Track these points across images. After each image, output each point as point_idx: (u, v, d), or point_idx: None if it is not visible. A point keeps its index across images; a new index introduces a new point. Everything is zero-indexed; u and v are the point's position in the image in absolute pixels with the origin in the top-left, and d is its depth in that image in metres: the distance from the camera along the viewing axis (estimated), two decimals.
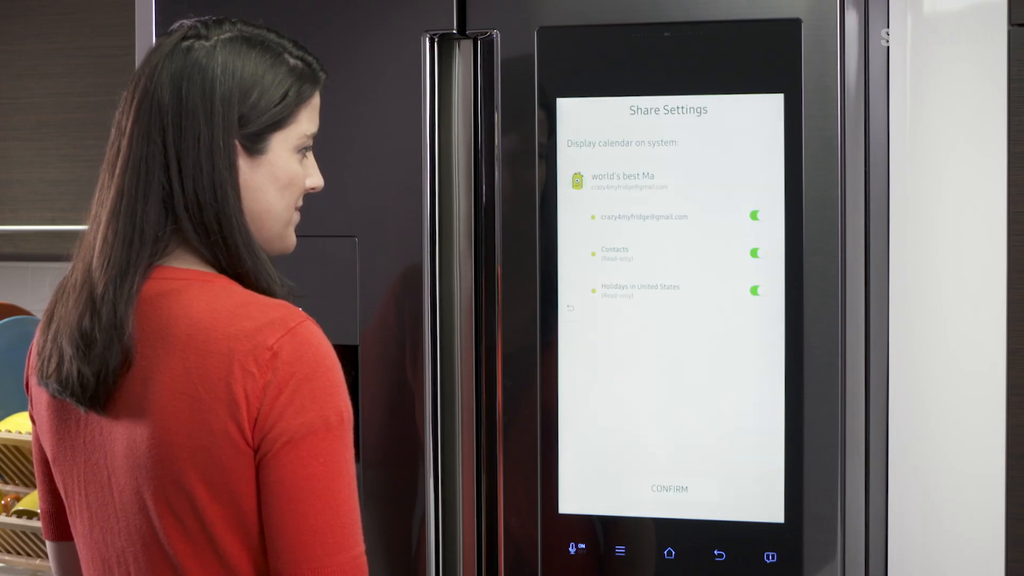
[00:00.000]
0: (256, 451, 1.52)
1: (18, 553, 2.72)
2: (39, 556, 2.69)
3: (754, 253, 1.99)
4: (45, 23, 2.81)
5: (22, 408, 2.84)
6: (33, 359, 1.66)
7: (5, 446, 2.74)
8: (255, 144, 1.60)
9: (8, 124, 2.86)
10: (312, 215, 1.72)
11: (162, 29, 2.16)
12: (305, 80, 1.63)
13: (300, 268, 1.84)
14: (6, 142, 2.86)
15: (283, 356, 1.51)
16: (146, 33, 2.22)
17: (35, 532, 2.64)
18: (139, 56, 2.25)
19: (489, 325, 2.09)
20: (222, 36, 1.60)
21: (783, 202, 1.97)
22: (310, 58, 1.66)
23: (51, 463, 1.67)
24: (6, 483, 2.81)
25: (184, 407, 1.52)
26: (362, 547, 1.54)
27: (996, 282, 1.94)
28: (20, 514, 2.66)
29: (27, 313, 2.99)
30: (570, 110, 2.04)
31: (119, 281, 1.54)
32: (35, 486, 2.77)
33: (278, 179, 1.62)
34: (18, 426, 2.72)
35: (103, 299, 1.54)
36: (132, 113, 1.58)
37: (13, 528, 2.66)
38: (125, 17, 2.49)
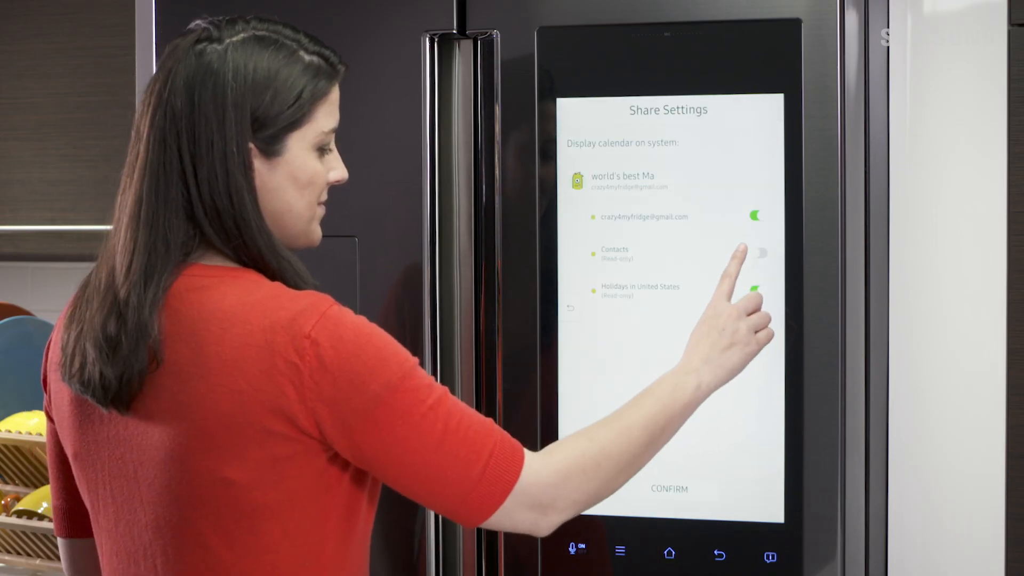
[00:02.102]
0: (321, 436, 1.54)
1: (18, 553, 2.72)
2: (39, 556, 2.69)
3: None
4: (45, 23, 2.81)
5: (22, 408, 2.84)
6: (54, 356, 1.66)
7: (5, 446, 2.74)
8: (271, 146, 1.59)
9: (8, 124, 2.86)
10: None
11: (162, 29, 2.17)
12: (321, 76, 1.62)
13: None
14: (6, 142, 2.86)
15: (323, 343, 1.52)
16: (146, 33, 2.22)
17: (35, 532, 2.64)
18: (139, 56, 2.25)
19: (489, 325, 2.09)
20: (234, 38, 1.59)
21: (783, 202, 1.97)
22: (327, 52, 1.64)
23: (71, 459, 1.67)
24: (6, 483, 2.81)
25: (224, 400, 1.53)
26: (488, 448, 1.56)
27: (996, 282, 1.94)
28: (20, 514, 2.66)
29: (27, 313, 2.98)
30: (570, 110, 2.04)
31: (143, 287, 1.55)
32: (35, 486, 2.77)
33: (297, 179, 1.62)
34: (18, 426, 2.71)
35: (127, 303, 1.55)
36: (148, 118, 1.59)
37: (13, 528, 2.66)
38: (125, 17, 2.49)
